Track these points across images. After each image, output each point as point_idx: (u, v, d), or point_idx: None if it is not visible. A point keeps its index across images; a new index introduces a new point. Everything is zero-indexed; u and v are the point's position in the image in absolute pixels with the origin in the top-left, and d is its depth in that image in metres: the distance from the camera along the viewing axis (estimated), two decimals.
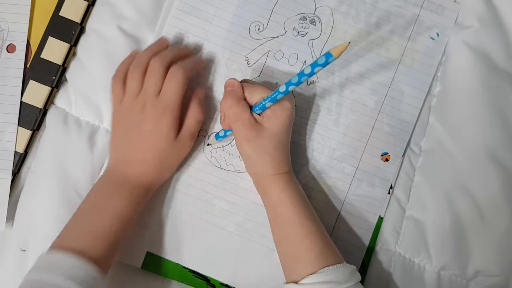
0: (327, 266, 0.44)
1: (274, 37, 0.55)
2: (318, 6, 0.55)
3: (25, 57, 0.54)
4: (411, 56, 0.55)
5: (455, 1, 0.56)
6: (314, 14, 0.55)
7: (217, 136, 0.52)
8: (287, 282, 0.46)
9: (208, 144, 0.54)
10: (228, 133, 0.51)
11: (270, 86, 0.54)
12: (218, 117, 0.54)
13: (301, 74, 0.43)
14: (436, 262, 0.53)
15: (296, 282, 0.44)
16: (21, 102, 0.53)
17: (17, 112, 0.53)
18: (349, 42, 0.40)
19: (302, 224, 0.46)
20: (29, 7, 0.54)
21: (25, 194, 0.53)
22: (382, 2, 0.55)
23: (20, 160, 0.53)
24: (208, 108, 0.54)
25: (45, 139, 0.53)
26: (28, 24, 0.54)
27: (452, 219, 0.53)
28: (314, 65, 0.42)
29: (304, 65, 0.55)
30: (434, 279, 0.53)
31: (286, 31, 0.55)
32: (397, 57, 0.55)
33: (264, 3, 0.55)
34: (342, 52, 0.39)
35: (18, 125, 0.53)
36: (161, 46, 0.52)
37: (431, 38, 0.56)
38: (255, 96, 0.47)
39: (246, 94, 0.48)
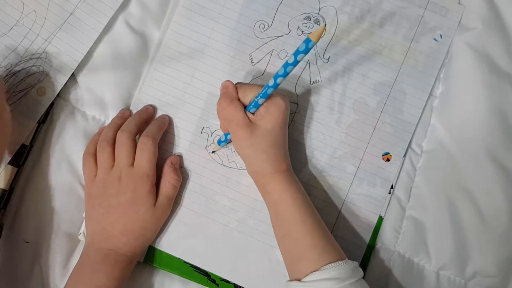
0: (329, 263, 0.44)
1: (279, 36, 0.56)
2: (322, 6, 0.56)
3: None
4: (414, 57, 0.56)
5: (459, 3, 0.57)
6: (318, 14, 0.56)
7: (219, 141, 0.53)
8: (291, 280, 0.47)
9: (213, 152, 0.54)
10: (228, 136, 0.51)
11: None
12: None
13: (286, 64, 0.44)
14: (435, 262, 0.53)
15: (299, 280, 0.45)
16: None
17: None
18: (325, 25, 0.40)
19: (304, 222, 0.47)
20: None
21: (30, 186, 0.53)
22: (386, 3, 0.56)
23: (26, 153, 0.54)
24: (212, 106, 0.55)
25: (51, 132, 0.54)
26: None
27: (452, 220, 0.53)
28: (296, 53, 0.42)
29: (308, 64, 0.55)
30: (433, 278, 0.53)
31: (290, 30, 0.56)
32: (400, 57, 0.55)
33: (269, 3, 0.56)
34: (320, 35, 0.40)
35: None
36: (123, 117, 0.53)
37: (435, 39, 0.56)
38: (248, 95, 0.48)
39: (240, 95, 0.48)
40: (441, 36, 0.56)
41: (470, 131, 0.55)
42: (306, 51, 0.42)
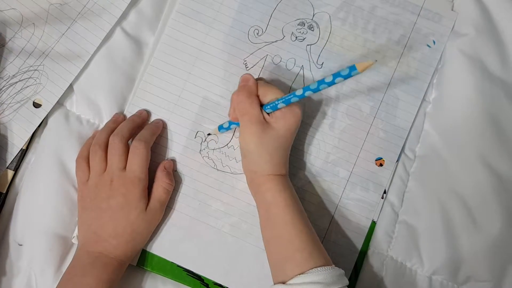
0: (315, 267, 0.44)
1: (273, 42, 0.56)
2: (316, 12, 0.56)
3: None
4: (407, 63, 0.56)
5: (452, 10, 0.57)
6: (312, 19, 0.56)
7: (220, 127, 0.53)
8: (275, 283, 0.46)
9: (209, 134, 0.55)
10: (232, 126, 0.51)
11: None
12: (215, 119, 0.55)
13: (321, 81, 0.44)
14: (427, 266, 0.53)
15: (283, 283, 0.45)
16: None
17: None
18: (376, 61, 0.40)
19: (294, 225, 0.47)
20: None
21: (24, 189, 0.54)
22: (379, 9, 0.56)
23: (21, 156, 0.54)
24: (206, 110, 0.55)
25: (46, 135, 0.54)
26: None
27: (444, 224, 0.53)
28: (336, 75, 0.43)
29: (302, 70, 0.56)
30: (426, 283, 0.53)
31: (284, 36, 0.56)
32: (394, 63, 0.56)
33: (263, 8, 0.56)
34: (366, 68, 0.40)
35: None
36: (117, 121, 0.54)
37: (428, 45, 0.56)
38: (268, 95, 0.48)
39: (260, 92, 0.49)
40: (434, 42, 0.56)
41: (463, 136, 0.55)
42: (347, 77, 0.42)
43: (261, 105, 0.48)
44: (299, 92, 0.45)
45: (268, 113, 0.48)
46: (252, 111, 0.47)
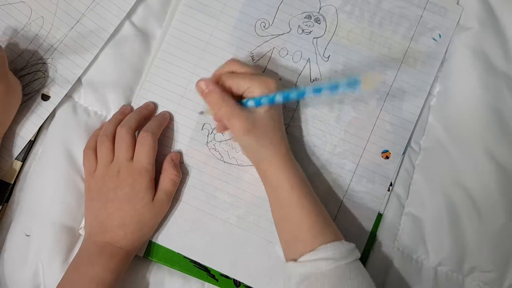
0: (325, 244, 0.45)
1: (279, 35, 0.56)
2: (323, 5, 0.56)
3: None
4: (414, 56, 0.56)
5: (457, 3, 0.57)
6: (319, 12, 0.56)
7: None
8: (287, 261, 0.47)
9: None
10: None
11: None
12: None
13: (301, 93, 0.45)
14: (433, 258, 0.53)
15: (295, 260, 0.46)
16: None
17: None
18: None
19: (302, 205, 0.47)
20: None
21: (31, 180, 0.54)
22: (385, 2, 0.57)
23: (29, 147, 0.54)
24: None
25: (53, 126, 0.55)
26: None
27: (449, 216, 0.54)
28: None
29: (308, 63, 0.56)
30: (431, 274, 0.53)
31: (291, 29, 0.56)
32: (400, 56, 0.56)
33: (270, 1, 0.56)
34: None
35: None
36: (124, 113, 0.54)
37: (433, 39, 0.57)
38: (256, 91, 0.46)
39: (235, 87, 0.47)
40: (440, 36, 0.57)
41: (467, 129, 0.55)
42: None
43: (240, 98, 0.47)
44: (279, 95, 0.45)
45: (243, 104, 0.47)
46: (235, 111, 0.45)
